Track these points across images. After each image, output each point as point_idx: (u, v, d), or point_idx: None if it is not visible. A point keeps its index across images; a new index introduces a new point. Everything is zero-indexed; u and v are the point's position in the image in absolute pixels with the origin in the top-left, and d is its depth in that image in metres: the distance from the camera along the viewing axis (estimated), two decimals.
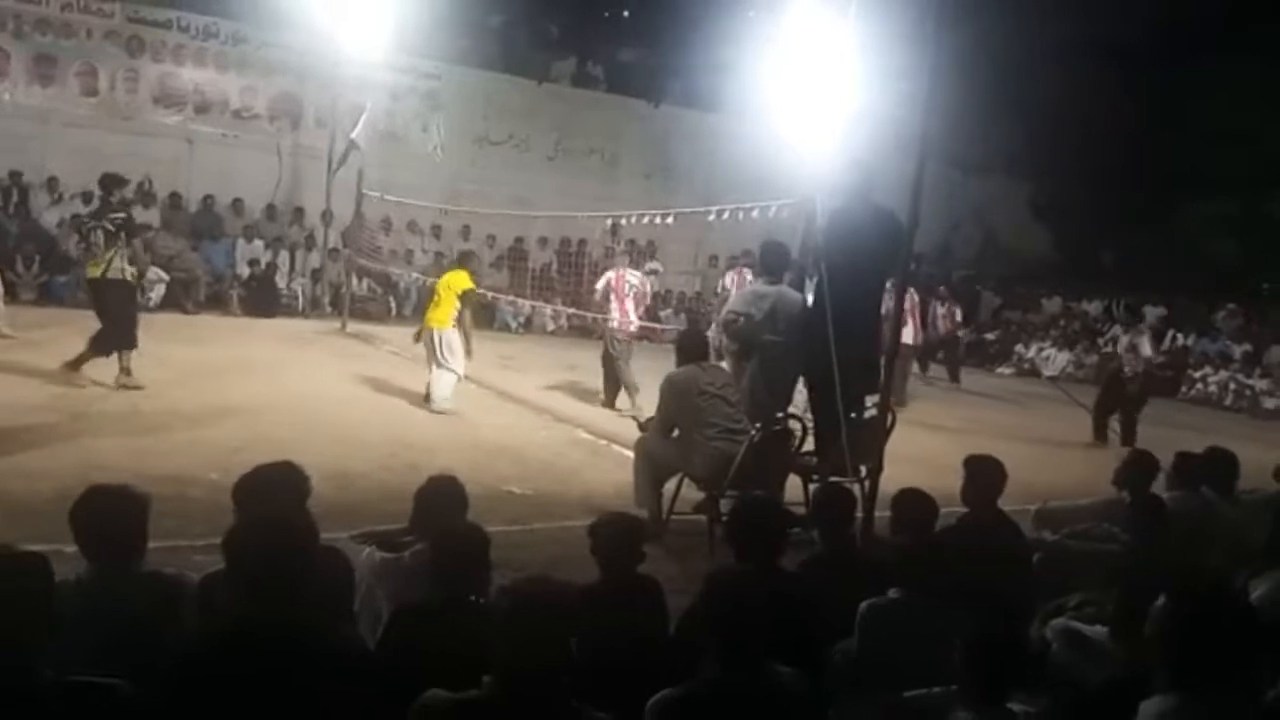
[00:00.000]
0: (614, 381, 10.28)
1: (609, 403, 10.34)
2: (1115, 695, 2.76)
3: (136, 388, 8.49)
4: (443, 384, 9.35)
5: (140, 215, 15.51)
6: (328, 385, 9.96)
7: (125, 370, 8.55)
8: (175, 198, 16.13)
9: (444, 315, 9.49)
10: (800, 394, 6.96)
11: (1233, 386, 16.95)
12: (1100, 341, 16.49)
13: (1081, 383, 16.37)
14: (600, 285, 10.72)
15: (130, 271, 8.70)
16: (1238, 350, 18.17)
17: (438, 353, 9.34)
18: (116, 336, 8.53)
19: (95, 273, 8.66)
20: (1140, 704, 2.42)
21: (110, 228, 8.54)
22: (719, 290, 13.34)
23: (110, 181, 8.95)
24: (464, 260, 10.21)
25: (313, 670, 2.42)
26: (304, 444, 7.09)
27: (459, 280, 9.59)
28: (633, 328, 10.44)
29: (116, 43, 15.79)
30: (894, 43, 6.87)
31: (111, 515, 2.97)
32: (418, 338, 9.67)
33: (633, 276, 10.58)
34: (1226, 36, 19.38)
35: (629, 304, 10.38)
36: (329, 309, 15.72)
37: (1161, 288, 20.40)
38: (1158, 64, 20.07)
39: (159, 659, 2.52)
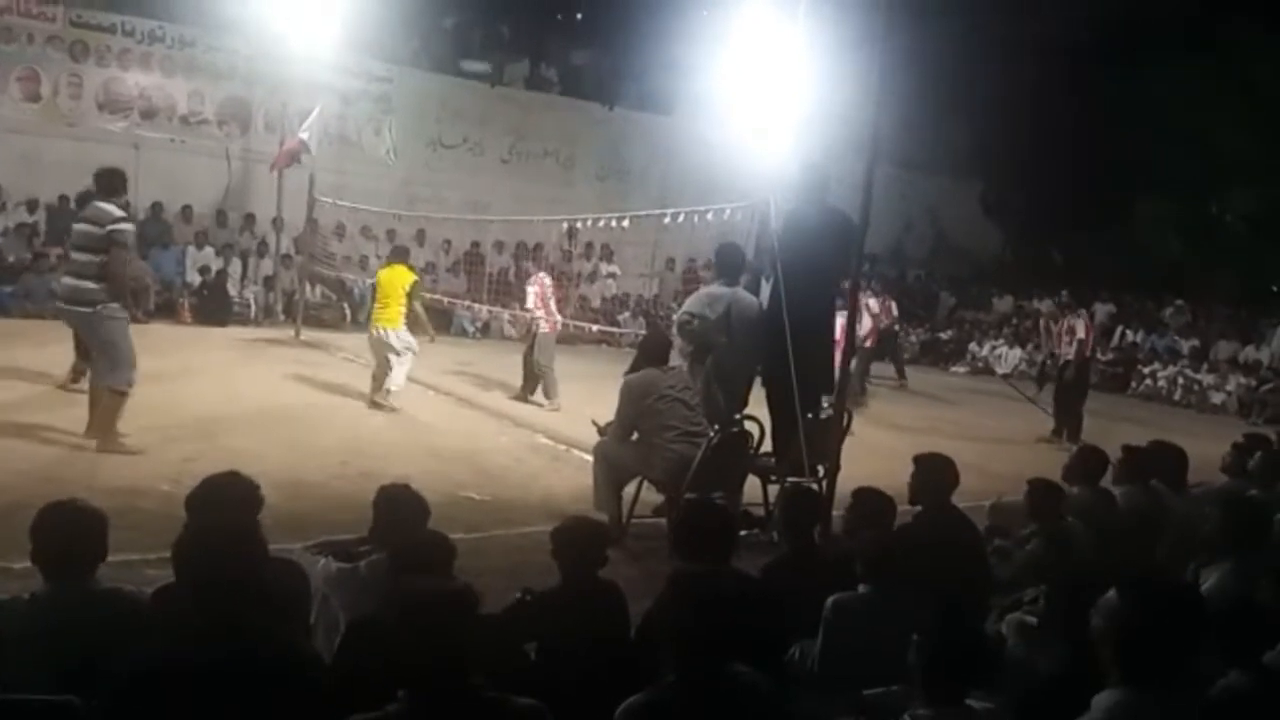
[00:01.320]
0: (534, 379, 10.84)
1: (524, 396, 10.84)
2: (1060, 690, 2.79)
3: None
4: (399, 373, 9.45)
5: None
6: (281, 393, 9.84)
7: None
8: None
9: (394, 315, 9.49)
10: (756, 394, 6.99)
11: (1181, 381, 17.29)
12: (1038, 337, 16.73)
13: (1033, 380, 16.59)
14: (532, 293, 11.02)
15: None
16: (1185, 346, 18.54)
17: (394, 348, 9.38)
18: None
19: None
20: (1092, 699, 2.45)
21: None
22: None
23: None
24: (400, 255, 10.26)
25: (267, 683, 2.38)
26: (257, 453, 7.00)
27: (401, 276, 9.58)
28: (559, 326, 11.05)
29: (59, 47, 15.47)
30: (844, 44, 6.94)
31: (73, 532, 2.95)
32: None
33: (548, 279, 11.13)
34: (1172, 37, 19.78)
35: (553, 305, 10.92)
36: (282, 317, 15.52)
37: (1111, 285, 20.77)
38: (1105, 63, 20.42)
39: (115, 676, 2.48)
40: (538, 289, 10.79)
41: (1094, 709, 2.43)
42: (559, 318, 11.03)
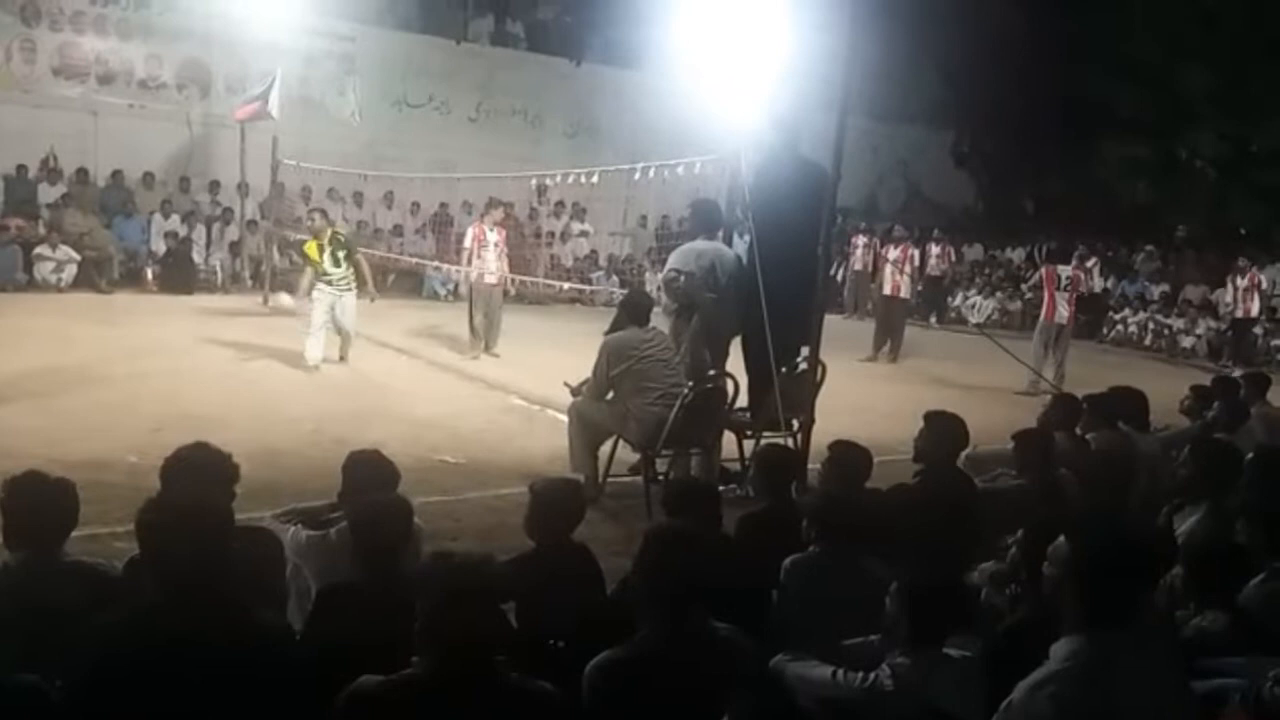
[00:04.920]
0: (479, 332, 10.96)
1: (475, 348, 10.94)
2: (1025, 637, 2.80)
3: None
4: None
5: (46, 193, 15.03)
6: (250, 361, 9.73)
7: None
8: (82, 173, 15.52)
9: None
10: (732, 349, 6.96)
11: (1151, 327, 17.43)
12: (1023, 288, 16.79)
13: (1005, 329, 16.69)
14: (467, 242, 11.21)
15: None
16: (1155, 291, 18.67)
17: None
18: None
19: None
20: (1051, 646, 2.45)
21: None
22: None
23: None
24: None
25: (235, 655, 2.35)
26: (226, 422, 6.92)
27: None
28: (490, 279, 11.04)
29: (10, 10, 15.01)
30: None
31: (38, 504, 2.93)
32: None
33: (491, 234, 11.08)
34: None
35: (489, 255, 10.95)
36: (250, 283, 15.31)
37: (1081, 232, 20.84)
38: (1073, 5, 20.36)
39: (80, 649, 2.44)
40: (476, 236, 11.00)
41: (1054, 656, 2.43)
42: (493, 269, 11.01)
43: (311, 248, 9.69)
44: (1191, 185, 21.61)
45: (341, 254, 9.69)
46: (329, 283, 9.62)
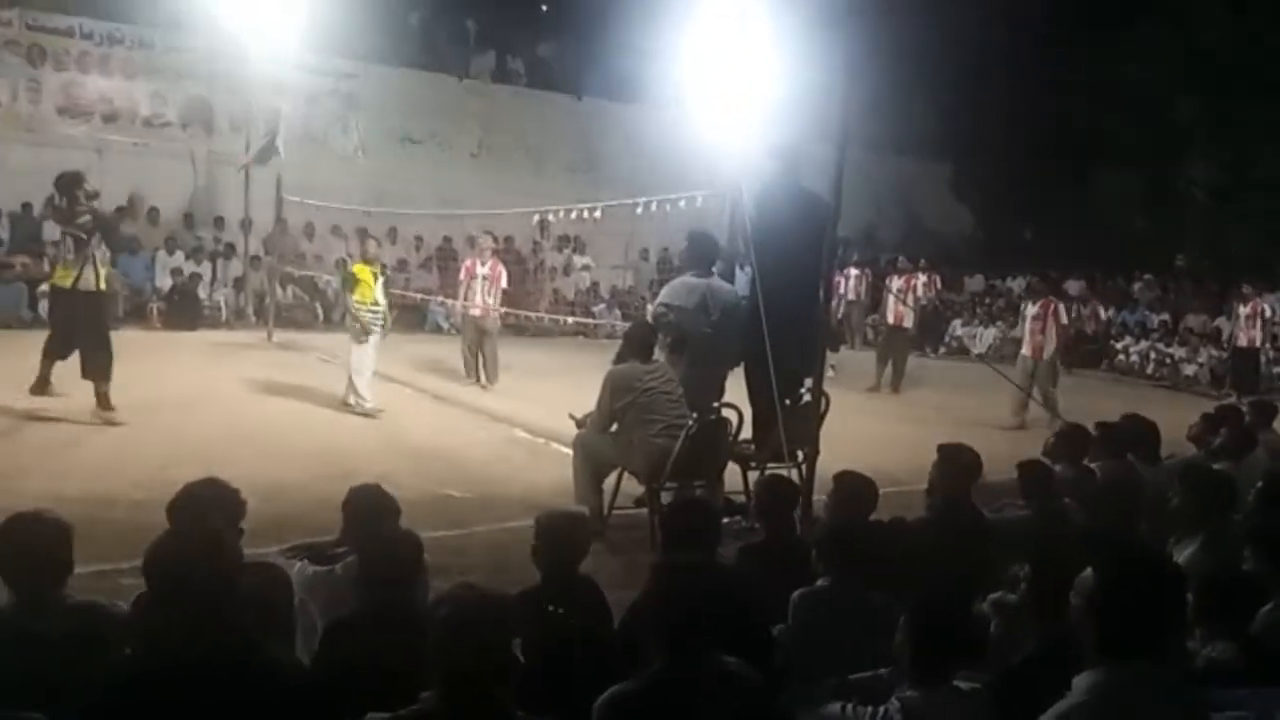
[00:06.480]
0: (474, 357, 11.36)
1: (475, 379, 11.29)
2: (1040, 670, 2.78)
3: (114, 423, 7.88)
4: (352, 385, 9.30)
5: (51, 230, 15.09)
6: (255, 397, 9.74)
7: (104, 400, 7.96)
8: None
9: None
10: (737, 382, 6.97)
11: (1153, 355, 17.43)
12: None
13: (1007, 359, 16.69)
14: (461, 276, 11.65)
15: (104, 281, 8.10)
16: (1155, 319, 18.70)
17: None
18: (95, 359, 7.90)
19: (64, 282, 7.98)
20: (1073, 679, 2.42)
21: (81, 234, 7.88)
22: None
23: (68, 182, 8.04)
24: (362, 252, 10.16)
25: (243, 692, 2.34)
26: (231, 457, 6.91)
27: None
28: (475, 311, 11.34)
29: (16, 52, 15.23)
30: (810, 27, 6.91)
31: (33, 544, 2.88)
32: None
33: (481, 268, 11.39)
34: (1132, 8, 19.94)
35: (476, 288, 11.32)
36: (254, 319, 15.37)
37: (1081, 261, 20.91)
38: (1061, 34, 20.56)
39: (86, 690, 2.43)
40: (466, 270, 11.37)
41: (1076, 689, 2.39)
42: (479, 301, 11.27)
43: (366, 274, 9.35)
44: (1188, 214, 21.71)
45: (385, 286, 9.61)
46: (373, 314, 9.33)
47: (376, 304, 9.33)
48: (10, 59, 15.20)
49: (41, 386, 8.08)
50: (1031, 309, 11.33)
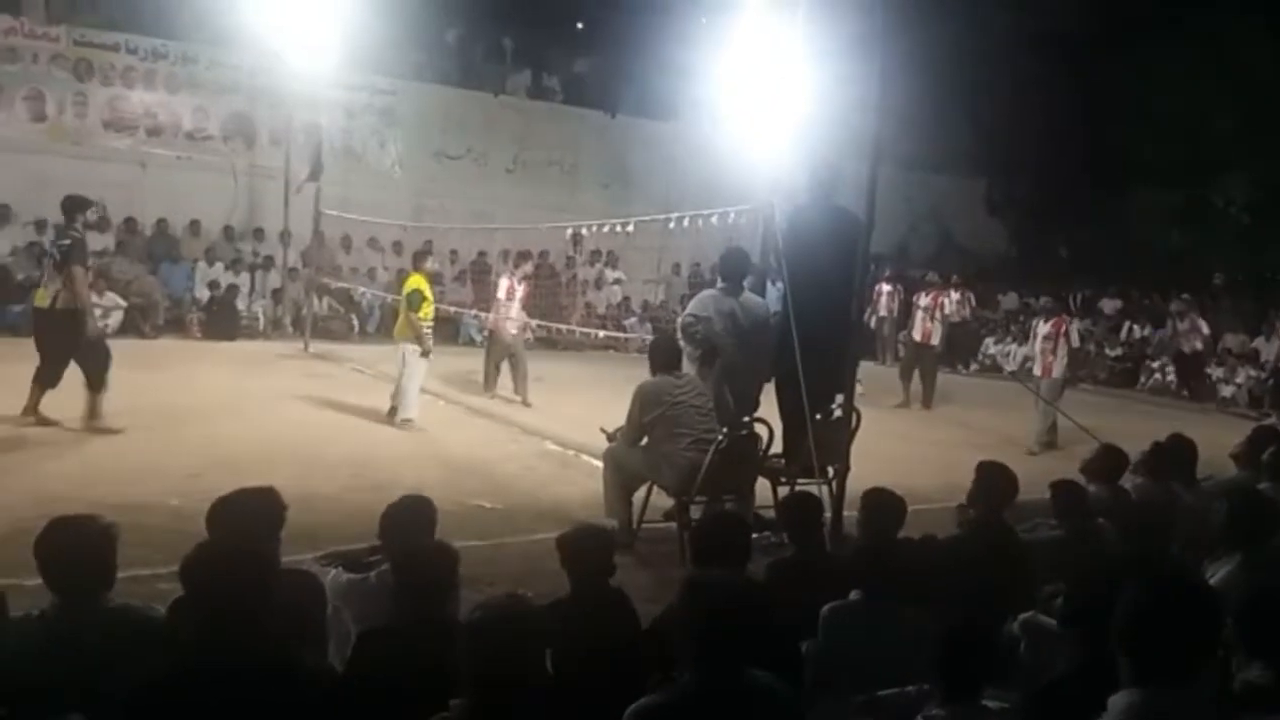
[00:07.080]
0: (495, 371, 11.54)
1: (491, 389, 11.43)
2: (1075, 690, 2.75)
3: (111, 430, 8.00)
4: (405, 392, 9.26)
5: (95, 241, 15.37)
6: (290, 406, 9.86)
7: (94, 409, 8.08)
8: (130, 222, 15.92)
9: (402, 325, 9.44)
10: (767, 396, 6.96)
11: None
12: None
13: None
14: (500, 293, 11.76)
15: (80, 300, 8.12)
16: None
17: (402, 361, 9.29)
18: (86, 368, 8.03)
19: (43, 302, 8.16)
20: (1108, 699, 2.41)
21: (57, 255, 8.09)
22: None
23: (71, 205, 8.33)
24: (416, 261, 10.13)
25: (277, 698, 2.38)
26: (265, 466, 6.99)
27: (409, 283, 9.52)
28: (513, 328, 11.47)
29: (64, 67, 15.56)
30: (843, 45, 6.93)
31: (76, 549, 2.90)
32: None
33: (520, 286, 11.66)
34: (1165, 25, 19.77)
35: (515, 306, 11.52)
36: (291, 330, 15.55)
37: (1116, 280, 20.68)
38: (1098, 53, 20.41)
39: (123, 693, 2.47)
40: (504, 291, 11.52)
41: (1111, 710, 2.37)
42: (511, 314, 11.44)
43: (427, 288, 9.43)
44: (1225, 231, 21.42)
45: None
46: (429, 328, 9.42)
47: (430, 319, 9.48)
48: (58, 74, 15.53)
49: (30, 412, 8.06)
50: (1043, 328, 11.18)
